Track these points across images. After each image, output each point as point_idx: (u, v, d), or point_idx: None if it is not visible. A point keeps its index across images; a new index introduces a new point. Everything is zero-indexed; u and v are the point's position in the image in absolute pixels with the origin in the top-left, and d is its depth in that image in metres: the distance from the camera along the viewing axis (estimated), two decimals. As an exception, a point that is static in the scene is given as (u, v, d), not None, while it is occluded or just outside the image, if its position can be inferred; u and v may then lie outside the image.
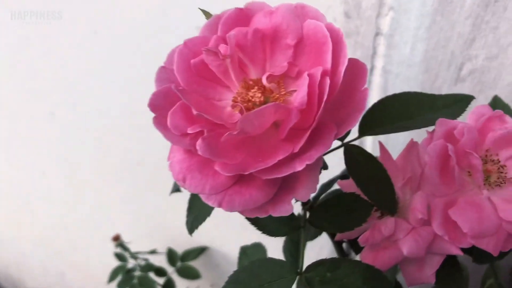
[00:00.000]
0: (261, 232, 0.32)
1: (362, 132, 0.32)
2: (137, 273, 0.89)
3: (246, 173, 0.22)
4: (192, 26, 0.69)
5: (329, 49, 0.23)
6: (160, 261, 0.93)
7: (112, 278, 0.89)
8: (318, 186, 0.32)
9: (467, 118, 0.32)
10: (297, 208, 0.31)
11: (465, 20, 0.49)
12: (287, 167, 0.22)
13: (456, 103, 0.32)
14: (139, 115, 0.86)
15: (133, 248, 0.93)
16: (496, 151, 0.30)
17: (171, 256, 0.93)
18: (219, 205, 0.24)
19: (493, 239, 0.28)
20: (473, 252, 0.33)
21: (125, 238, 0.93)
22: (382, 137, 0.35)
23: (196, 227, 0.33)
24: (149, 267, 0.89)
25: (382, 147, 0.34)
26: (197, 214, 0.33)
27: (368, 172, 0.30)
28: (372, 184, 0.30)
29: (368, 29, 0.54)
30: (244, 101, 0.26)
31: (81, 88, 0.87)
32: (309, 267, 0.30)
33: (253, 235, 0.90)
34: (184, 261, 0.93)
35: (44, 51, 0.84)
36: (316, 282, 0.29)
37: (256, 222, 0.32)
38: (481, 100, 0.53)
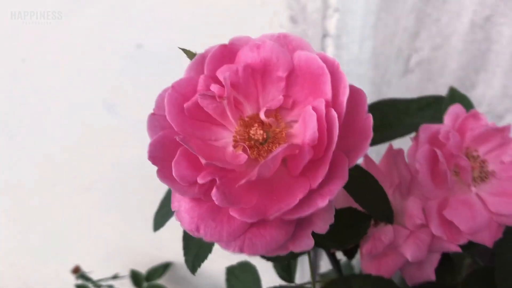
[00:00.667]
0: (265, 259, 0.32)
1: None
2: (104, 301, 0.86)
3: (271, 217, 0.22)
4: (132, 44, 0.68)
5: (328, 80, 0.23)
6: (125, 284, 0.90)
7: (77, 311, 0.85)
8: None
9: (444, 118, 0.33)
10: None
11: (408, 15, 0.51)
12: (309, 205, 0.22)
13: (430, 105, 0.34)
14: (83, 139, 0.83)
15: (93, 276, 0.89)
16: (475, 148, 0.32)
17: (136, 277, 0.91)
18: (241, 251, 0.24)
19: (487, 232, 0.29)
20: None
21: (83, 265, 0.89)
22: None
23: (199, 266, 0.32)
24: (115, 293, 0.86)
25: (366, 156, 0.35)
26: (197, 251, 0.32)
27: (363, 186, 0.30)
28: (368, 196, 0.30)
29: (315, 32, 0.55)
30: (246, 139, 0.25)
31: (18, 117, 0.81)
32: (321, 288, 0.31)
33: (216, 245, 0.90)
34: (150, 281, 0.90)
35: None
36: (331, 302, 0.30)
37: (258, 251, 0.32)
38: (431, 88, 0.56)
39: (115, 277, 0.90)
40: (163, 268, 0.92)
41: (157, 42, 0.67)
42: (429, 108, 0.34)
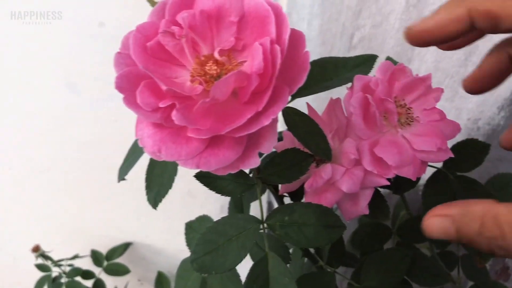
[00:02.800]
0: (220, 194, 0.36)
1: (294, 96, 0.37)
2: (64, 279, 0.86)
3: (222, 133, 0.26)
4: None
5: (273, 21, 0.27)
6: (85, 264, 0.91)
7: (37, 290, 0.86)
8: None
9: (375, 73, 0.38)
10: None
11: (352, -6, 0.56)
12: (256, 123, 0.26)
13: (365, 62, 0.39)
14: (41, 119, 0.83)
15: (54, 256, 0.90)
16: (402, 97, 0.37)
17: (96, 257, 0.92)
18: (197, 167, 0.27)
19: (411, 167, 0.34)
20: (392, 185, 0.40)
21: (42, 247, 0.89)
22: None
23: (160, 201, 0.36)
24: (75, 271, 0.87)
25: (309, 106, 0.39)
26: (158, 189, 0.36)
27: (304, 128, 0.35)
28: (309, 137, 0.35)
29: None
30: (201, 74, 0.29)
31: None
32: (269, 216, 0.35)
33: (176, 222, 0.92)
34: (110, 260, 0.92)
35: None
36: (277, 227, 0.34)
37: (214, 187, 0.36)
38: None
39: (75, 257, 0.91)
40: (123, 247, 0.94)
41: (119, 21, 0.69)
42: (364, 65, 0.39)
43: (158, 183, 0.36)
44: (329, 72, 0.38)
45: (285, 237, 0.33)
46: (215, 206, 0.86)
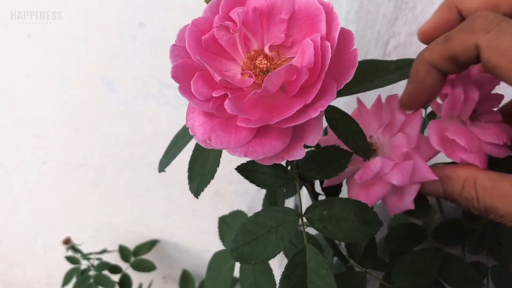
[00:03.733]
0: (260, 187, 0.37)
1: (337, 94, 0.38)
2: (92, 272, 0.89)
3: (272, 123, 0.27)
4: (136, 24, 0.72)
5: (323, 19, 0.29)
6: (113, 259, 0.93)
7: (66, 281, 0.88)
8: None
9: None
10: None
11: (388, 2, 0.57)
12: (304, 115, 0.27)
13: (406, 66, 0.39)
14: (78, 116, 0.86)
15: (82, 250, 0.92)
16: None
17: (124, 252, 0.94)
18: (245, 155, 0.29)
19: (477, 156, 0.34)
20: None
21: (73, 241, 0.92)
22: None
23: (202, 190, 0.37)
24: (103, 265, 0.89)
25: (359, 101, 0.41)
26: (200, 179, 0.37)
27: (344, 126, 0.36)
28: (349, 135, 0.36)
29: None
30: (252, 68, 0.30)
31: (17, 92, 0.84)
32: (307, 209, 0.36)
33: (204, 222, 0.94)
34: (137, 256, 0.94)
35: None
36: (316, 220, 0.35)
37: (254, 179, 0.37)
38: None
39: (103, 251, 0.93)
40: (150, 244, 0.96)
41: (158, 22, 0.72)
42: (406, 68, 0.39)
43: (200, 173, 0.38)
44: (370, 73, 0.39)
45: (324, 231, 0.34)
46: (243, 207, 0.87)
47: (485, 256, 0.55)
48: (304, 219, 0.36)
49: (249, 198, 0.88)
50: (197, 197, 0.37)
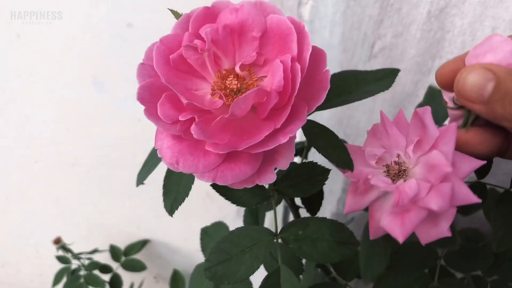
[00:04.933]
0: (235, 205, 0.36)
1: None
2: (83, 272, 0.88)
3: (240, 149, 0.26)
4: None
5: (294, 39, 0.28)
6: (103, 259, 0.93)
7: (56, 281, 0.88)
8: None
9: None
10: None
11: (374, 4, 0.56)
12: (273, 141, 0.26)
13: (386, 76, 0.38)
14: (68, 116, 0.85)
15: (73, 249, 0.92)
16: None
17: (114, 252, 0.94)
18: (213, 180, 0.28)
19: None
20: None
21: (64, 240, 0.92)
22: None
23: (176, 208, 0.36)
24: (94, 265, 0.89)
25: (383, 116, 0.35)
26: (175, 196, 0.36)
27: (324, 140, 0.35)
28: (329, 148, 0.34)
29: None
30: (222, 88, 0.29)
31: (7, 92, 0.83)
32: (283, 229, 0.35)
33: (194, 222, 0.93)
34: (128, 256, 0.94)
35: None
36: (291, 240, 0.34)
37: (230, 196, 0.36)
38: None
39: (94, 251, 0.93)
40: (141, 244, 0.96)
41: (147, 22, 0.71)
42: (385, 79, 0.38)
43: (175, 190, 0.37)
44: (349, 85, 0.38)
45: (299, 251, 0.34)
46: (233, 208, 0.87)
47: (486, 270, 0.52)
48: (279, 239, 0.35)
49: (239, 200, 0.87)
50: (171, 215, 0.36)
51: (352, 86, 0.38)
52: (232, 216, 0.89)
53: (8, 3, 0.72)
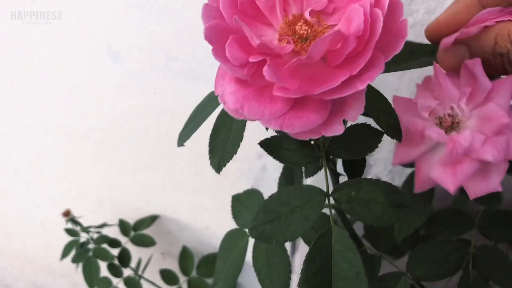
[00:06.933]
0: (284, 164, 0.35)
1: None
2: (91, 246, 0.87)
3: (314, 93, 0.25)
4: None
5: (372, -15, 0.26)
6: (112, 233, 0.92)
7: (65, 254, 0.87)
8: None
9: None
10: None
11: (407, -23, 0.55)
12: (350, 87, 0.25)
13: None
14: (80, 87, 0.83)
15: (82, 223, 0.91)
16: None
17: (124, 227, 0.93)
18: (281, 128, 0.27)
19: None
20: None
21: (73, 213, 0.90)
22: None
23: (224, 165, 0.35)
24: (103, 239, 0.88)
25: (437, 67, 0.34)
26: (222, 153, 0.35)
27: (376, 104, 0.34)
28: (381, 114, 0.34)
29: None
30: (290, 34, 0.28)
31: (18, 61, 0.81)
32: (335, 189, 0.34)
33: (206, 199, 0.92)
34: (137, 231, 0.93)
35: None
36: (343, 201, 0.33)
37: (279, 156, 0.35)
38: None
39: (103, 225, 0.91)
40: (150, 220, 0.94)
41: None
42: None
43: (222, 148, 0.36)
44: (405, 55, 0.37)
45: (351, 212, 0.33)
46: (246, 186, 0.86)
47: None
48: (331, 200, 0.34)
49: (252, 176, 0.86)
50: (218, 173, 0.35)
51: (408, 56, 0.37)
52: (245, 193, 0.88)
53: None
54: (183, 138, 0.41)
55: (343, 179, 0.40)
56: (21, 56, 0.82)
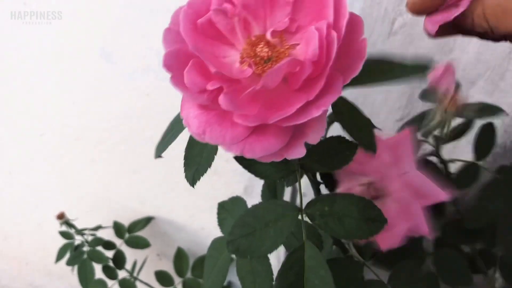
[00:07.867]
0: (259, 178, 0.35)
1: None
2: (86, 248, 0.88)
3: (270, 122, 0.25)
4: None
5: (331, 4, 0.26)
6: (107, 235, 0.92)
7: (60, 256, 0.87)
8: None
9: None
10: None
11: (395, -22, 0.54)
12: (305, 114, 0.25)
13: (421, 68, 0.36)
14: (75, 88, 0.83)
15: (76, 225, 0.91)
16: None
17: (118, 228, 0.93)
18: (241, 153, 0.27)
19: None
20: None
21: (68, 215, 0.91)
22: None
23: (198, 179, 0.35)
24: (97, 241, 0.88)
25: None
26: (197, 167, 0.35)
27: (351, 119, 0.34)
28: (354, 128, 0.33)
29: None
30: (251, 56, 0.28)
31: (12, 62, 0.81)
32: (308, 204, 0.34)
33: (200, 200, 0.92)
34: (132, 233, 0.93)
35: None
36: (317, 216, 0.33)
37: (254, 170, 0.35)
38: (412, 50, 0.60)
39: (98, 227, 0.92)
40: (145, 221, 0.95)
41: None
42: (422, 70, 0.36)
43: (197, 162, 0.36)
44: (383, 70, 0.36)
45: (325, 227, 0.33)
46: (240, 186, 0.86)
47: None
48: (304, 215, 0.34)
49: (246, 177, 0.86)
50: (193, 186, 0.35)
51: (387, 71, 0.36)
52: (239, 192, 0.88)
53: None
54: (160, 150, 0.41)
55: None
56: (15, 58, 0.82)
